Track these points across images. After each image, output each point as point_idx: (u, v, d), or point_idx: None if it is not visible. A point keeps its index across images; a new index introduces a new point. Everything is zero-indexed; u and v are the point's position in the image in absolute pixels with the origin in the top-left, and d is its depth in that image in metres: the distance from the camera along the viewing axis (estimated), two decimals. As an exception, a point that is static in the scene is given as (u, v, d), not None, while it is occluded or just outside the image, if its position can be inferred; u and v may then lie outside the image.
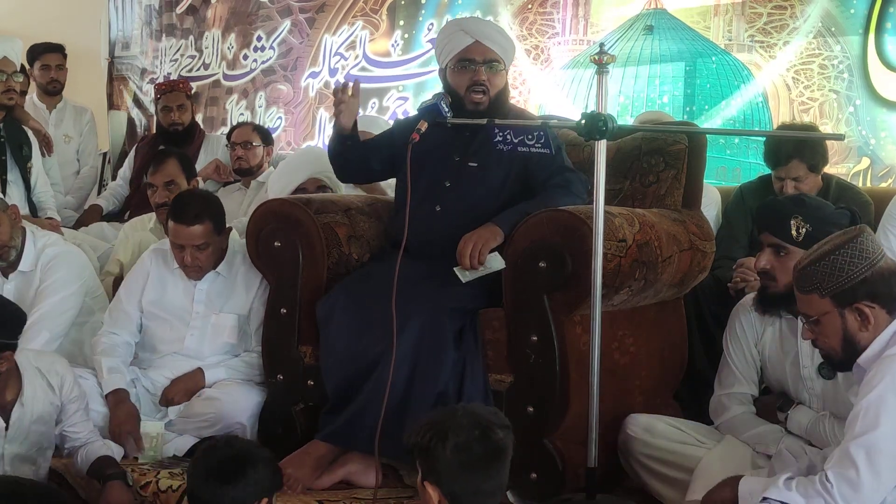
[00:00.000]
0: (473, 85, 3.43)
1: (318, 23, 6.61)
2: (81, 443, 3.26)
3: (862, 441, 2.38)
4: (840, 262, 2.49)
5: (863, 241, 2.51)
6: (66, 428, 3.27)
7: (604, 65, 2.78)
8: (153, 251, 3.85)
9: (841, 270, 2.49)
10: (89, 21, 7.51)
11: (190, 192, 4.05)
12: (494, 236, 3.22)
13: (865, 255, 2.49)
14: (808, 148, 3.89)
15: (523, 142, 3.42)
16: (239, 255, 3.76)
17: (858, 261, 2.48)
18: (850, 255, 2.49)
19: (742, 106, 5.20)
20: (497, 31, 3.62)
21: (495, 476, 2.25)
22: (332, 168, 3.72)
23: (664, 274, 3.24)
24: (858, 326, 2.50)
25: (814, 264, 2.53)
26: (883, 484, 2.38)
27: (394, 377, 3.08)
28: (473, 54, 3.45)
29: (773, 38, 5.08)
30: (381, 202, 3.84)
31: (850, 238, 2.52)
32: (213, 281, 3.74)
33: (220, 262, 3.74)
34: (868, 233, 2.56)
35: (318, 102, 6.58)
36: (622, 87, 5.44)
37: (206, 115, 7.07)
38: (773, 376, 3.17)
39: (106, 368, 3.61)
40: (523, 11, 5.82)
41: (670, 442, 3.09)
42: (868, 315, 2.49)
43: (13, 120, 5.26)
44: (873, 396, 2.39)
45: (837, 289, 2.49)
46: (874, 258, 2.50)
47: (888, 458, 2.37)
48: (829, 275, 2.50)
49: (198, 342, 3.72)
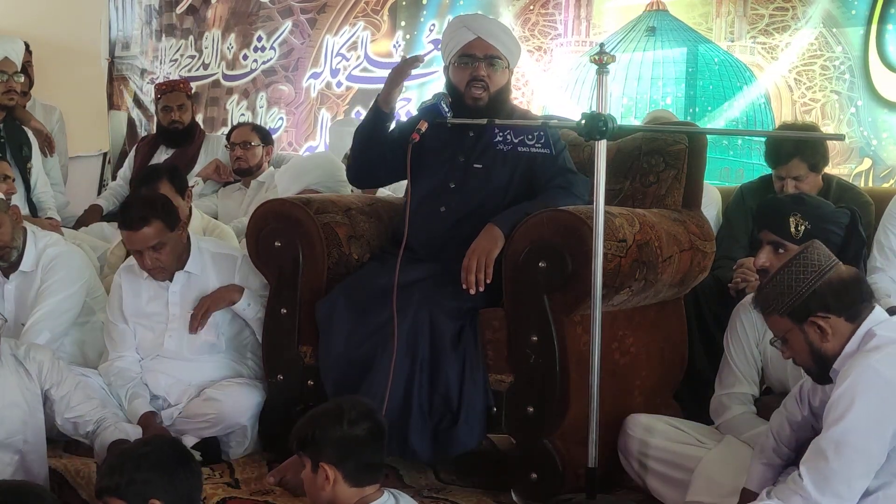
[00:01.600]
0: (473, 80, 3.42)
1: (319, 23, 6.61)
2: (95, 424, 3.28)
3: (830, 434, 2.41)
4: (788, 280, 2.52)
5: (808, 255, 2.53)
6: (68, 414, 3.29)
7: (604, 65, 2.78)
8: (122, 269, 3.85)
9: (790, 288, 2.51)
10: (89, 21, 7.51)
11: (133, 198, 4.08)
12: (496, 243, 3.20)
13: (811, 268, 2.51)
14: (808, 147, 3.89)
15: (523, 142, 3.42)
16: (207, 253, 3.76)
17: (804, 275, 2.50)
18: (795, 270, 2.52)
19: (745, 107, 5.20)
20: (501, 28, 3.60)
21: (379, 452, 2.55)
22: (332, 178, 3.72)
23: (664, 274, 3.23)
24: (819, 339, 2.52)
25: (767, 285, 2.58)
26: (855, 474, 2.40)
27: (394, 377, 3.08)
28: (474, 50, 3.45)
29: (774, 39, 5.09)
30: (381, 202, 3.84)
31: (797, 254, 2.56)
32: (185, 282, 3.73)
33: (186, 261, 3.72)
34: (816, 246, 2.57)
35: (320, 103, 6.58)
36: (625, 88, 5.44)
37: (207, 115, 7.07)
38: (774, 376, 3.17)
39: (126, 398, 3.63)
40: (525, 12, 5.82)
41: (670, 442, 3.08)
42: (824, 327, 2.51)
43: (13, 120, 5.27)
44: (841, 390, 2.42)
45: (790, 306, 2.52)
46: (821, 270, 2.51)
47: (856, 450, 2.39)
48: (780, 293, 2.53)
49: (177, 343, 3.71)
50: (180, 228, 3.71)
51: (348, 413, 2.50)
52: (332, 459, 2.48)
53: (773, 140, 3.98)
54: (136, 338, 3.77)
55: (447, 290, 3.23)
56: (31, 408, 3.24)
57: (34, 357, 3.29)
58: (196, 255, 3.73)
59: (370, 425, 2.51)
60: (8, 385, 3.19)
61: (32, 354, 3.30)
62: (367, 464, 2.52)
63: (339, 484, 2.49)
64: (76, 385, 3.37)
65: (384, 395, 3.05)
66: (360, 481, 2.50)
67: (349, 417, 2.49)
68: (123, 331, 3.77)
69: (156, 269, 3.66)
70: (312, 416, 2.56)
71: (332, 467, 2.48)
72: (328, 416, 2.52)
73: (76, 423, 3.31)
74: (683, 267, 3.35)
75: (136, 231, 3.58)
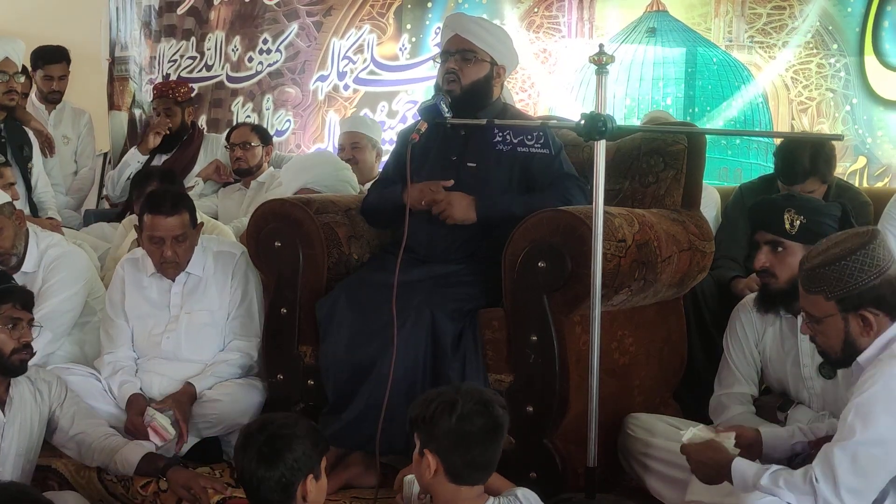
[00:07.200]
0: (447, 73, 3.46)
1: (325, 26, 6.61)
2: (102, 441, 3.29)
3: (848, 444, 2.37)
4: (850, 269, 2.46)
5: (875, 247, 2.48)
6: (73, 432, 3.31)
7: (603, 65, 2.78)
8: (125, 261, 3.85)
9: (850, 276, 2.46)
10: (89, 21, 7.51)
11: (163, 187, 4.06)
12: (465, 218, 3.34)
13: (877, 262, 2.47)
14: (822, 163, 3.87)
15: (523, 142, 3.43)
16: (210, 255, 3.76)
17: (869, 268, 2.46)
18: (861, 261, 2.46)
19: (743, 106, 5.21)
20: (478, 24, 3.60)
21: (490, 451, 2.42)
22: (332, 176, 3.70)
23: (663, 274, 3.24)
24: (860, 331, 2.49)
25: (824, 267, 2.50)
26: (871, 484, 2.37)
27: (394, 378, 3.08)
28: (449, 46, 3.50)
29: (772, 39, 5.10)
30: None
31: (863, 244, 2.49)
32: (186, 282, 3.73)
33: (188, 262, 3.72)
34: (881, 239, 2.52)
35: (328, 105, 6.58)
36: (628, 89, 5.45)
37: (211, 116, 7.06)
38: (773, 376, 3.18)
39: (117, 385, 3.63)
40: (529, 15, 5.83)
41: (670, 442, 3.08)
42: (871, 322, 2.48)
43: (14, 120, 5.27)
44: (864, 398, 2.38)
45: (844, 294, 2.48)
46: (884, 266, 2.47)
47: (872, 461, 2.36)
48: (838, 279, 2.48)
49: (174, 344, 3.70)
50: (198, 229, 3.73)
51: (463, 405, 2.38)
52: (436, 449, 2.39)
53: (788, 157, 3.93)
54: (134, 336, 3.76)
55: (448, 291, 3.24)
56: (41, 427, 3.28)
57: (44, 378, 3.32)
58: (199, 255, 3.73)
59: (484, 421, 2.39)
60: (25, 402, 3.22)
61: (42, 375, 3.33)
62: (473, 461, 2.40)
63: (440, 476, 2.40)
64: (79, 405, 3.39)
65: (384, 395, 3.05)
66: (462, 479, 2.40)
67: (462, 410, 2.37)
68: (121, 327, 3.75)
69: (171, 262, 3.65)
70: (429, 397, 2.45)
71: (436, 457, 2.39)
72: (442, 403, 2.40)
73: (80, 442, 3.31)
74: (683, 267, 3.36)
75: (167, 217, 3.59)
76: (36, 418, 3.24)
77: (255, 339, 3.70)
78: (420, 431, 2.43)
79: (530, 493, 2.55)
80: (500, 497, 2.49)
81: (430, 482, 2.43)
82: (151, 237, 3.64)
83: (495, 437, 2.43)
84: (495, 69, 3.52)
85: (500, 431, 2.43)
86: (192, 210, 3.70)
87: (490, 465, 2.45)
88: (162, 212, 3.60)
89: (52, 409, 3.30)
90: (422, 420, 2.41)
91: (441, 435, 2.38)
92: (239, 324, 3.74)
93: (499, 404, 2.44)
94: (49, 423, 3.31)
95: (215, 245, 3.83)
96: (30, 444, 3.22)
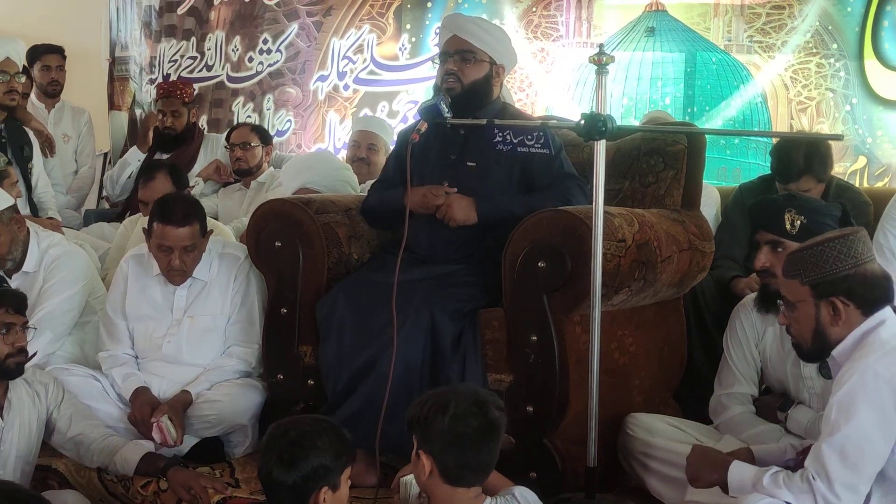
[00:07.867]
0: (446, 74, 3.47)
1: (325, 26, 6.61)
2: (100, 442, 3.29)
3: (834, 439, 2.41)
4: (827, 254, 2.51)
5: (855, 240, 2.53)
6: (71, 433, 3.30)
7: (603, 65, 2.79)
8: (130, 257, 3.81)
9: (826, 262, 2.51)
10: (89, 21, 7.51)
11: (175, 194, 3.98)
12: (467, 219, 3.34)
13: (853, 253, 2.51)
14: (817, 161, 3.87)
15: (523, 142, 3.43)
16: (215, 259, 3.73)
17: (846, 257, 2.50)
18: (839, 249, 2.51)
19: (742, 106, 5.21)
20: (477, 24, 3.60)
21: (486, 452, 2.39)
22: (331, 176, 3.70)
23: (663, 274, 3.24)
24: (830, 320, 2.53)
25: (802, 250, 2.57)
26: (862, 476, 2.41)
27: (394, 378, 3.08)
28: (448, 47, 3.51)
29: (771, 39, 5.10)
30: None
31: (845, 234, 2.55)
32: (191, 286, 3.70)
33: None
34: (863, 235, 2.57)
35: (328, 105, 6.58)
36: (626, 88, 5.45)
37: (211, 116, 7.05)
38: (773, 376, 3.18)
39: (120, 378, 3.60)
40: (528, 14, 5.83)
41: (670, 441, 3.09)
42: (841, 311, 2.51)
43: (15, 120, 5.28)
44: (843, 393, 2.43)
45: (818, 279, 2.52)
46: (861, 259, 2.52)
47: (860, 452, 2.40)
48: (813, 264, 2.53)
49: (175, 348, 3.67)
50: (207, 237, 3.70)
51: (456, 405, 2.35)
52: (430, 450, 2.38)
53: (783, 156, 3.93)
54: (134, 338, 3.74)
55: (448, 291, 3.24)
56: (39, 428, 3.27)
57: (41, 380, 3.31)
58: (205, 258, 3.69)
59: (479, 422, 2.36)
60: (23, 404, 3.22)
61: (38, 377, 3.32)
62: (468, 463, 2.38)
63: (434, 477, 2.39)
64: (76, 406, 3.38)
65: (384, 394, 3.05)
66: (457, 480, 2.38)
67: (455, 410, 2.35)
68: (120, 326, 3.73)
69: (179, 271, 3.62)
70: (425, 398, 2.43)
71: (430, 458, 2.38)
72: (436, 403, 2.38)
73: (79, 443, 3.31)
74: (682, 267, 3.36)
75: (177, 227, 3.55)
76: (34, 420, 3.24)
77: (254, 345, 3.67)
78: (416, 432, 2.43)
79: (528, 491, 2.54)
80: (497, 497, 2.48)
81: (426, 483, 2.43)
82: (160, 245, 3.59)
83: (490, 439, 2.39)
84: (494, 69, 3.53)
85: (496, 433, 2.40)
86: (202, 219, 3.65)
87: (486, 466, 2.43)
88: (172, 222, 3.55)
89: (49, 411, 3.30)
90: (417, 421, 2.41)
91: (435, 436, 2.37)
92: (239, 329, 3.71)
93: (495, 405, 2.41)
94: (47, 424, 3.31)
95: (220, 247, 3.79)
96: (29, 446, 3.22)
